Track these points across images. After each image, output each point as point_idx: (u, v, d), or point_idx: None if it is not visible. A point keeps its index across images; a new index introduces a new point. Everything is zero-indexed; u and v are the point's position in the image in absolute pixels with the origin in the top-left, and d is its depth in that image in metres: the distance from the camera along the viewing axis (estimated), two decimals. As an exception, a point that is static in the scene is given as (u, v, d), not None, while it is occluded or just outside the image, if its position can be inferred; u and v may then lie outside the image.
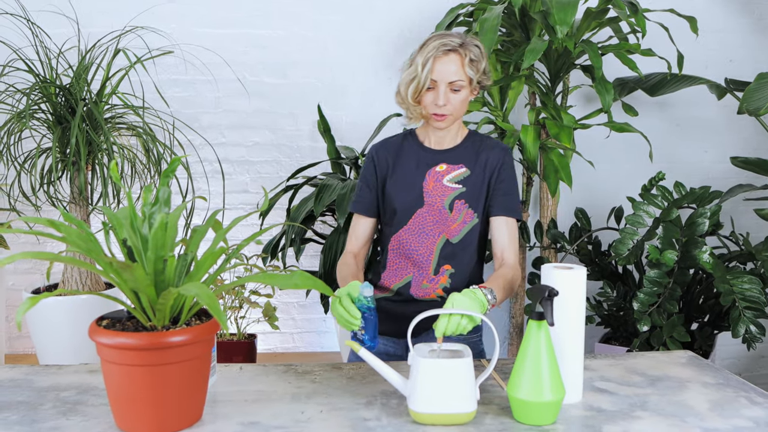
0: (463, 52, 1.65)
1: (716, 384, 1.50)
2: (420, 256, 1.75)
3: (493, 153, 1.77)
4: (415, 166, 1.77)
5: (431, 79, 1.65)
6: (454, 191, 1.73)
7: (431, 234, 1.74)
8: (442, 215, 1.73)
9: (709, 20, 3.52)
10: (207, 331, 1.21)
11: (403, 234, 1.76)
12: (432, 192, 1.74)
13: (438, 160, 1.77)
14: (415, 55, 1.68)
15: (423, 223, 1.74)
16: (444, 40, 1.65)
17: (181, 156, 1.32)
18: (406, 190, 1.75)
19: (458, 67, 1.65)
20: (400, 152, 1.81)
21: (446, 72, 1.64)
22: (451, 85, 1.65)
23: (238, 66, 3.50)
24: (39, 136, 3.04)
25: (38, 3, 3.25)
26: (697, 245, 2.44)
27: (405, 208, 1.75)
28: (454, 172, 1.75)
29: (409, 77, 1.67)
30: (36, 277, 3.56)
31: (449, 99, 1.67)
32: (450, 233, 1.74)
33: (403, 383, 1.31)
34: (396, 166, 1.79)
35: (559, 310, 1.35)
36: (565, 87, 3.11)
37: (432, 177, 1.75)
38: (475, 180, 1.75)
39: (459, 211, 1.74)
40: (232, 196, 3.57)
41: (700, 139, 3.69)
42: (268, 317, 3.07)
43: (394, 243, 1.78)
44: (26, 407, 1.32)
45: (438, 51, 1.63)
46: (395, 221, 1.77)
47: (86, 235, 1.20)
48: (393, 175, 1.78)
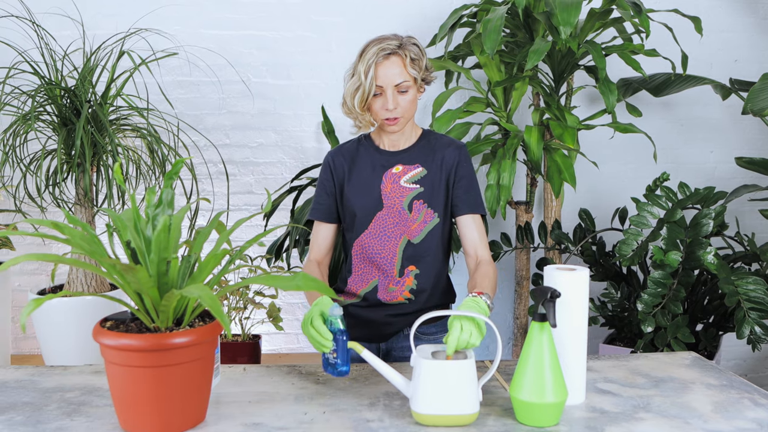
0: (402, 53, 1.66)
1: (720, 385, 1.50)
2: (383, 259, 1.75)
3: (449, 151, 1.77)
4: (371, 169, 1.78)
5: (377, 85, 1.65)
6: (412, 191, 1.74)
7: (393, 236, 1.74)
8: (401, 216, 1.74)
9: (714, 20, 3.51)
10: (210, 333, 1.22)
11: (365, 238, 1.76)
12: (390, 194, 1.74)
13: (393, 161, 1.77)
14: (356, 64, 1.68)
15: (384, 226, 1.75)
16: (382, 44, 1.65)
17: (184, 158, 1.33)
18: (365, 194, 1.76)
19: (401, 68, 1.66)
20: (355, 157, 1.81)
21: (390, 76, 1.65)
22: (398, 87, 1.66)
23: (242, 67, 3.51)
24: (44, 137, 3.06)
25: (44, 5, 3.27)
26: (701, 246, 2.44)
27: (365, 212, 1.76)
28: (410, 173, 1.76)
29: (353, 87, 1.68)
30: (41, 278, 3.58)
31: (398, 102, 1.67)
32: (411, 234, 1.74)
33: (406, 384, 1.31)
34: (352, 171, 1.80)
35: (562, 311, 1.35)
36: (569, 88, 3.11)
37: (389, 179, 1.75)
38: (433, 179, 1.75)
39: (418, 211, 1.74)
40: (237, 197, 3.58)
41: (704, 139, 3.68)
42: (273, 318, 3.08)
43: (357, 248, 1.78)
44: (31, 408, 1.33)
45: (378, 56, 1.64)
46: (356, 226, 1.77)
47: (90, 237, 1.20)
48: (350, 180, 1.79)
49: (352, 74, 1.70)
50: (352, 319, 1.80)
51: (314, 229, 1.85)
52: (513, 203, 3.17)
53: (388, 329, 1.79)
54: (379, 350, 1.82)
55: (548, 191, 3.13)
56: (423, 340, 1.81)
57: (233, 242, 3.59)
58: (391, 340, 1.81)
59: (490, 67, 2.97)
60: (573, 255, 3.02)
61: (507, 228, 3.55)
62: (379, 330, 1.77)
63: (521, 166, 3.44)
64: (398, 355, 1.80)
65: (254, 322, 3.21)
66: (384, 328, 1.78)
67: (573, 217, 3.43)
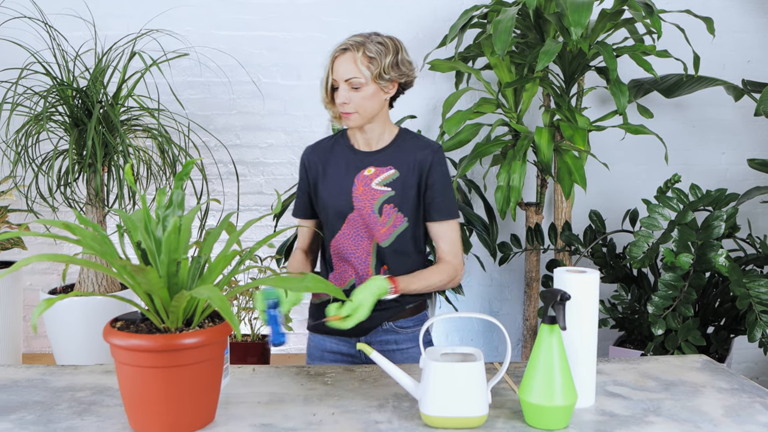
0: (356, 50, 1.68)
1: (731, 389, 1.49)
2: (357, 259, 1.76)
3: (423, 153, 1.76)
4: (345, 169, 1.78)
5: (333, 79, 1.70)
6: (383, 195, 1.74)
7: (364, 237, 1.76)
8: (371, 219, 1.74)
9: (726, 21, 3.48)
10: (219, 333, 1.22)
11: (340, 238, 1.78)
12: (361, 197, 1.74)
13: (366, 163, 1.78)
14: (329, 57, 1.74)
15: (356, 227, 1.76)
16: (345, 40, 1.71)
17: (195, 159, 1.33)
18: (337, 195, 1.77)
19: (352, 65, 1.68)
20: (330, 155, 1.82)
21: (342, 71, 1.69)
22: (349, 83, 1.69)
23: (252, 68, 3.52)
24: (56, 138, 3.07)
25: (56, 6, 3.29)
26: (713, 248, 2.42)
27: (337, 214, 1.77)
28: (382, 175, 1.75)
29: (322, 81, 1.75)
30: (53, 278, 3.60)
31: (350, 98, 1.69)
32: (379, 238, 1.75)
33: (415, 386, 1.31)
34: (327, 169, 1.81)
35: (572, 314, 1.34)
36: (580, 89, 3.09)
37: (361, 181, 1.75)
38: (405, 182, 1.74)
39: (388, 216, 1.74)
40: (247, 198, 3.59)
41: (716, 140, 3.66)
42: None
43: (333, 247, 1.80)
44: (42, 407, 1.34)
45: (336, 51, 1.70)
46: (330, 226, 1.79)
47: (101, 238, 1.21)
48: (324, 179, 1.80)
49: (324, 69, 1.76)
50: None
51: (298, 224, 1.88)
52: (523, 204, 3.16)
53: (368, 324, 1.78)
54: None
55: (558, 192, 3.12)
56: (400, 333, 1.82)
57: (243, 243, 3.60)
58: (370, 335, 1.82)
59: (500, 68, 2.96)
60: (583, 257, 3.01)
61: (517, 229, 3.54)
62: (359, 325, 1.76)
63: (531, 168, 3.43)
64: (377, 349, 1.82)
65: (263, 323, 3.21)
66: (363, 323, 1.76)
67: (583, 219, 3.42)
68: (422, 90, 3.58)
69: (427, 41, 3.49)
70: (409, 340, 1.84)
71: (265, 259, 3.23)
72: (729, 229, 2.61)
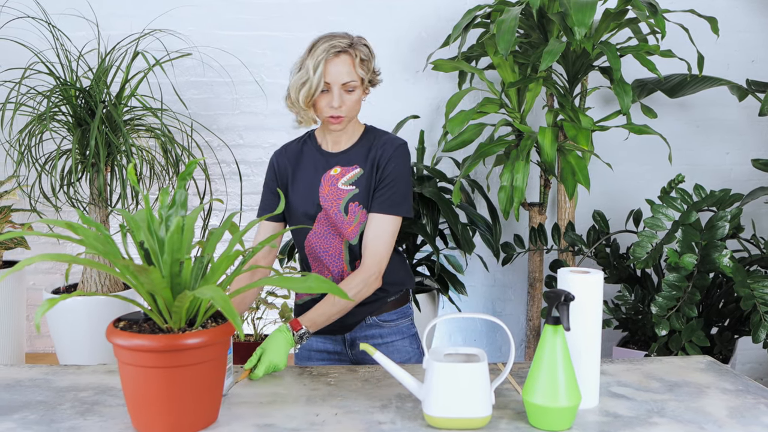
0: (353, 52, 1.67)
1: (735, 390, 1.48)
2: (331, 257, 1.77)
3: (384, 149, 1.75)
4: (313, 171, 1.78)
5: (325, 82, 1.65)
6: (348, 193, 1.74)
7: (335, 236, 1.76)
8: (338, 219, 1.74)
9: (731, 20, 3.47)
10: (222, 334, 1.22)
11: (312, 238, 1.78)
12: (327, 197, 1.74)
13: (333, 163, 1.77)
14: (305, 58, 1.68)
15: (326, 227, 1.76)
16: (333, 42, 1.65)
17: (198, 159, 1.33)
18: (305, 196, 1.77)
19: (350, 68, 1.66)
20: (299, 157, 1.81)
21: (339, 74, 1.65)
22: (345, 86, 1.66)
23: (255, 68, 3.52)
24: (59, 137, 3.08)
25: (59, 6, 3.29)
26: (717, 249, 2.42)
27: (306, 214, 1.77)
28: (348, 174, 1.75)
29: (299, 81, 1.67)
30: (56, 277, 3.61)
31: (344, 100, 1.67)
32: (347, 236, 1.75)
33: (418, 387, 1.31)
34: (296, 171, 1.80)
35: (576, 314, 1.34)
36: (584, 89, 3.09)
37: (327, 182, 1.75)
38: (367, 178, 1.75)
39: (354, 214, 1.74)
40: (250, 198, 3.59)
41: (720, 141, 3.65)
42: (285, 318, 3.08)
43: (307, 247, 1.80)
44: (45, 407, 1.34)
45: (329, 53, 1.64)
46: (302, 225, 1.77)
47: (104, 238, 1.21)
48: (294, 181, 1.79)
49: (299, 68, 1.69)
50: None
51: (259, 227, 1.84)
52: (526, 205, 3.16)
53: (351, 320, 1.79)
54: (345, 341, 1.84)
55: (562, 193, 3.11)
56: (384, 327, 1.82)
57: (246, 243, 3.59)
58: (354, 330, 1.82)
59: (503, 68, 2.96)
60: (586, 257, 3.01)
61: (520, 230, 3.54)
62: (343, 321, 1.76)
63: (535, 168, 3.42)
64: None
65: (267, 323, 3.22)
66: (347, 319, 1.77)
67: (587, 219, 3.41)
68: (425, 90, 3.58)
69: (431, 41, 3.49)
70: (394, 333, 1.84)
71: (268, 259, 3.22)
72: (733, 229, 2.60)
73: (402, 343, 1.84)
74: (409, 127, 3.45)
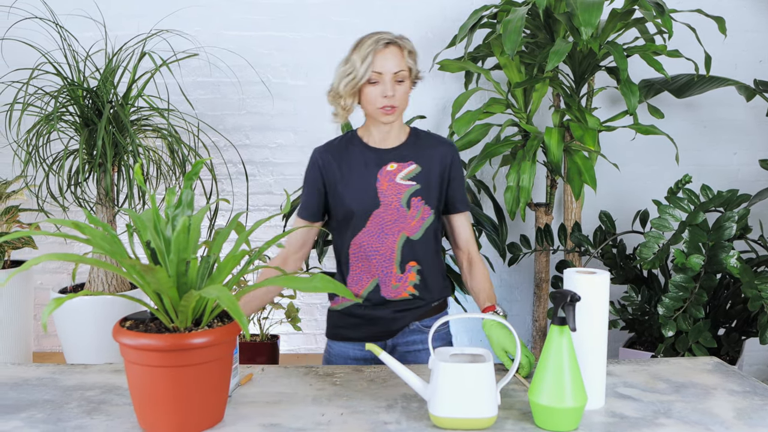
0: (401, 43, 1.70)
1: (743, 392, 1.47)
2: (382, 256, 1.75)
3: (442, 149, 1.80)
4: (364, 167, 1.77)
5: (375, 72, 1.67)
6: (409, 188, 1.74)
7: (391, 233, 1.74)
8: (400, 213, 1.74)
9: (738, 20, 3.46)
10: (228, 333, 1.22)
11: (363, 237, 1.75)
12: (387, 191, 1.74)
13: (386, 159, 1.77)
14: (350, 54, 1.71)
15: (381, 224, 1.74)
16: (379, 35, 1.69)
17: (204, 159, 1.34)
18: (360, 192, 1.75)
19: (399, 58, 1.69)
20: (345, 155, 1.80)
21: (389, 63, 1.67)
22: (395, 76, 1.68)
23: (262, 68, 3.52)
24: (66, 138, 3.09)
25: (66, 7, 3.30)
26: (724, 249, 2.41)
27: (361, 211, 1.75)
28: (405, 170, 1.76)
29: (344, 74, 1.70)
30: (63, 277, 3.62)
31: (395, 89, 1.69)
32: (410, 230, 1.75)
33: (424, 387, 1.31)
34: (344, 169, 1.78)
35: (582, 315, 1.34)
36: (590, 89, 3.08)
37: (384, 176, 1.75)
38: (428, 176, 1.76)
39: (417, 208, 1.75)
40: (256, 198, 3.60)
41: (728, 141, 3.63)
42: (291, 318, 3.08)
43: (354, 247, 1.77)
44: (52, 406, 1.34)
45: (378, 45, 1.67)
46: (352, 225, 1.76)
47: (110, 237, 1.21)
48: (342, 178, 1.77)
49: (344, 63, 1.72)
50: (358, 319, 1.80)
51: (296, 224, 1.82)
52: (532, 205, 3.15)
53: (395, 325, 1.79)
54: (386, 347, 1.82)
55: (568, 193, 3.11)
56: (426, 332, 1.82)
57: (252, 243, 3.60)
58: (397, 336, 1.81)
59: (510, 68, 2.95)
60: (593, 257, 3.00)
61: (526, 230, 3.53)
62: (387, 327, 1.77)
63: (541, 168, 3.41)
64: (403, 350, 1.81)
65: (272, 323, 3.22)
66: (391, 325, 1.77)
67: (593, 220, 3.40)
68: (432, 90, 3.58)
69: (437, 41, 3.49)
70: (435, 339, 1.83)
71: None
72: (740, 230, 2.59)
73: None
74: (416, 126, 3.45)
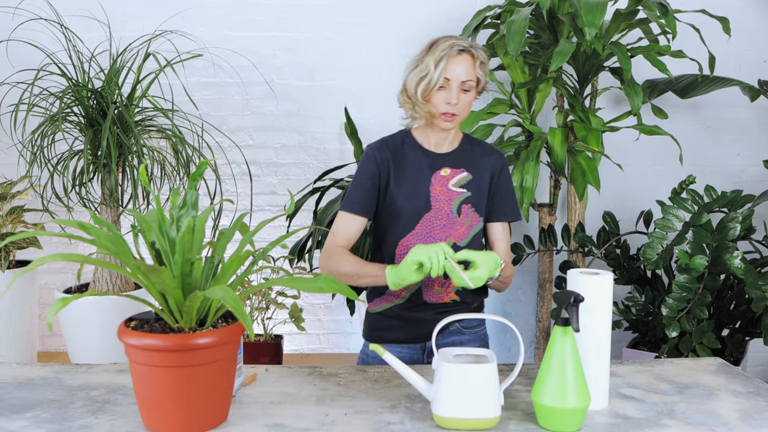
0: (474, 53, 1.67)
1: (746, 393, 1.47)
2: None
3: (493, 158, 1.80)
4: (418, 169, 1.75)
5: (444, 78, 1.65)
6: (460, 195, 1.74)
7: (439, 238, 1.74)
8: (450, 219, 1.74)
9: (743, 20, 3.45)
10: (233, 334, 1.23)
11: (412, 238, 1.74)
12: (439, 196, 1.73)
13: (441, 163, 1.76)
14: (424, 55, 1.68)
15: (430, 228, 1.74)
16: (455, 41, 1.67)
17: (208, 159, 1.34)
18: (413, 194, 1.74)
19: (470, 67, 1.67)
20: (400, 154, 1.78)
21: (459, 72, 1.66)
22: (463, 84, 1.67)
23: (265, 69, 3.53)
24: (71, 138, 3.10)
25: (71, 8, 3.32)
26: (728, 250, 2.40)
27: (412, 213, 1.73)
28: (457, 176, 1.75)
29: (418, 76, 1.67)
30: (68, 277, 3.63)
31: (460, 98, 1.67)
32: (458, 237, 1.74)
33: (427, 387, 1.31)
34: (398, 167, 1.76)
35: (585, 316, 1.34)
36: (594, 89, 3.08)
37: (438, 181, 1.74)
38: (479, 184, 1.76)
39: (466, 215, 1.75)
40: (260, 198, 3.60)
41: (732, 141, 3.63)
42: (295, 318, 3.09)
43: (401, 248, 1.75)
44: (57, 405, 1.35)
45: (452, 50, 1.65)
46: (401, 226, 1.74)
47: (115, 238, 1.22)
48: (396, 177, 1.75)
49: (416, 65, 1.69)
50: (397, 321, 1.79)
51: (345, 220, 1.75)
52: (536, 205, 3.15)
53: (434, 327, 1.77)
54: (425, 349, 1.80)
55: (572, 193, 3.11)
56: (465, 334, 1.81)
57: (256, 243, 3.61)
58: (436, 338, 1.79)
59: (513, 69, 2.95)
60: (597, 258, 3.00)
61: (530, 230, 3.53)
62: (428, 328, 1.74)
63: (545, 168, 3.41)
64: None
65: (276, 323, 3.23)
66: (430, 327, 1.74)
67: (597, 220, 3.40)
68: (435, 90, 3.57)
69: (440, 42, 3.49)
70: (474, 341, 1.83)
71: (278, 260, 3.23)
72: (744, 230, 2.59)
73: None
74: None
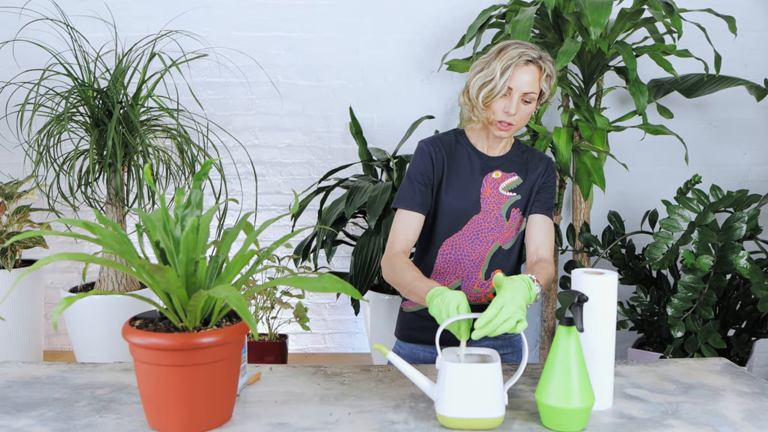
0: (542, 65, 1.63)
1: (752, 393, 1.47)
2: (471, 261, 1.73)
3: (542, 164, 1.79)
4: (470, 170, 1.74)
5: (507, 87, 1.61)
6: (509, 199, 1.73)
7: (485, 240, 1.73)
8: (498, 223, 1.73)
9: (749, 19, 3.44)
10: (237, 333, 1.23)
11: (458, 239, 1.73)
12: (489, 199, 1.73)
13: (492, 166, 1.75)
14: (491, 59, 1.63)
15: (478, 230, 1.73)
16: (524, 49, 1.62)
17: (213, 159, 1.34)
18: (463, 195, 1.72)
19: (535, 79, 1.62)
20: (454, 153, 1.75)
21: (523, 82, 1.61)
22: (525, 96, 1.62)
23: (271, 68, 3.53)
24: (77, 138, 3.11)
25: (77, 8, 3.33)
26: (733, 250, 2.40)
27: (461, 214, 1.72)
28: (507, 180, 1.74)
29: (482, 80, 1.63)
30: (74, 276, 3.64)
31: (519, 109, 1.63)
32: (503, 240, 1.74)
33: (431, 387, 1.31)
34: (451, 167, 1.74)
35: (590, 316, 1.34)
36: (599, 89, 3.07)
37: (489, 184, 1.73)
38: (527, 189, 1.76)
39: (514, 219, 1.74)
40: (265, 198, 3.61)
41: (738, 141, 3.61)
42: (300, 318, 3.09)
43: (446, 247, 1.74)
44: (62, 404, 1.35)
45: (520, 59, 1.60)
46: (448, 225, 1.73)
47: (120, 237, 1.22)
48: (449, 176, 1.73)
49: (481, 68, 1.65)
50: (432, 322, 1.76)
51: (404, 219, 1.72)
52: (541, 205, 3.14)
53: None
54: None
55: (577, 193, 3.10)
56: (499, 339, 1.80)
57: (261, 243, 3.62)
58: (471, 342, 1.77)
59: (518, 68, 2.94)
60: (602, 258, 2.99)
61: (535, 230, 3.52)
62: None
63: (549, 168, 3.40)
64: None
65: (281, 322, 3.23)
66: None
67: (602, 220, 3.40)
68: (440, 90, 3.58)
69: (445, 41, 3.49)
70: (507, 346, 1.82)
71: (283, 259, 3.24)
72: (750, 230, 2.58)
73: (512, 357, 1.83)
74: (424, 127, 3.45)
